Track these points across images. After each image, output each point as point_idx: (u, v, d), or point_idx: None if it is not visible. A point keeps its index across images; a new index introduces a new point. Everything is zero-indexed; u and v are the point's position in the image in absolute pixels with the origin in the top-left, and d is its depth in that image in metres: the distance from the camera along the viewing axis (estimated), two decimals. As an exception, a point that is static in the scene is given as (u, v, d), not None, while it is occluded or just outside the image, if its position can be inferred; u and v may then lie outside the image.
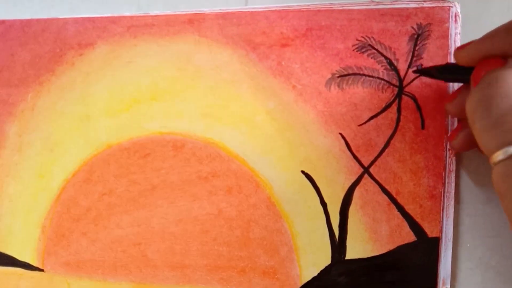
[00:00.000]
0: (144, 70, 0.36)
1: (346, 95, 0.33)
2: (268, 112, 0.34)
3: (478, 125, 0.24)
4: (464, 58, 0.27)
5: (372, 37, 0.33)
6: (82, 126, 0.37)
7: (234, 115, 0.34)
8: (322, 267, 0.32)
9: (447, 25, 0.32)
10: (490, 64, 0.25)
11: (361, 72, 0.33)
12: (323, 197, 0.32)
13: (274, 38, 0.35)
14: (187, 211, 0.34)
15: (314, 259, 0.32)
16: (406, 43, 0.32)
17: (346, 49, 0.33)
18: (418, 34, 0.32)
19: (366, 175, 0.32)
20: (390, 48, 0.33)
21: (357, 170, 0.32)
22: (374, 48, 0.33)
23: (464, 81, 0.29)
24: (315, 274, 0.32)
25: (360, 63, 0.33)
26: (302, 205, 0.33)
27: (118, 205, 0.35)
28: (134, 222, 0.35)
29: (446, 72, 0.29)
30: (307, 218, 0.32)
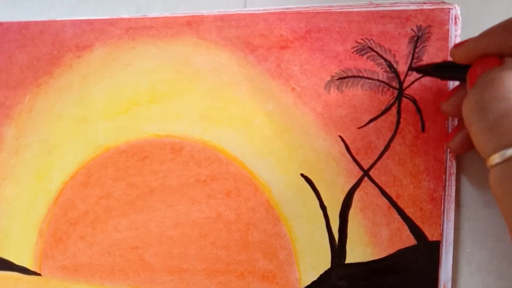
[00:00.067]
0: (142, 72, 0.36)
1: (346, 98, 0.33)
2: (267, 115, 0.34)
3: (475, 128, 0.24)
4: (461, 56, 0.27)
5: (372, 39, 0.33)
6: (80, 129, 0.37)
7: (233, 118, 0.34)
8: (322, 271, 0.32)
9: (447, 27, 0.32)
10: (487, 63, 0.25)
11: (361, 75, 0.33)
12: (323, 200, 0.32)
13: (273, 40, 0.34)
14: (186, 215, 0.34)
15: (314, 263, 0.32)
16: (406, 45, 0.32)
17: (346, 51, 0.33)
18: (418, 36, 0.32)
19: (366, 178, 0.32)
20: (390, 50, 0.33)
21: (357, 173, 0.32)
22: (374, 50, 0.33)
23: (461, 80, 0.29)
24: (315, 278, 0.32)
25: (360, 66, 0.33)
26: (302, 208, 0.32)
27: (116, 209, 0.35)
28: (132, 226, 0.34)
29: (443, 70, 0.29)
30: (307, 222, 0.32)
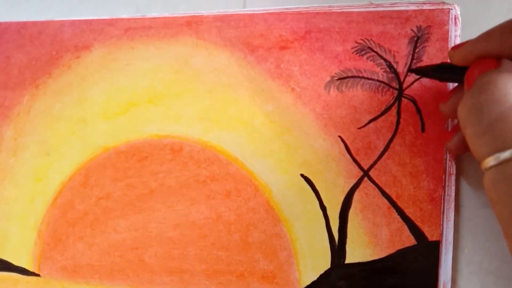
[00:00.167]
0: (142, 73, 0.36)
1: (346, 98, 0.33)
2: (267, 115, 0.34)
3: (470, 131, 0.24)
4: (459, 58, 0.27)
5: (372, 40, 0.33)
6: (79, 129, 0.36)
7: (232, 118, 0.34)
8: (322, 272, 0.31)
9: (447, 28, 0.32)
10: (484, 65, 0.25)
11: (361, 75, 0.33)
12: (323, 201, 0.32)
13: (273, 41, 0.34)
14: (185, 216, 0.34)
15: (314, 263, 0.32)
16: (406, 46, 0.32)
17: (345, 52, 0.33)
18: (418, 37, 0.32)
19: (366, 179, 0.32)
20: (390, 51, 0.33)
21: (357, 174, 0.32)
22: (374, 51, 0.33)
23: (459, 81, 0.29)
24: (315, 279, 0.31)
25: (360, 66, 0.33)
26: (302, 209, 0.32)
27: (115, 209, 0.35)
28: (131, 227, 0.34)
29: (441, 72, 0.29)
30: (307, 222, 0.32)
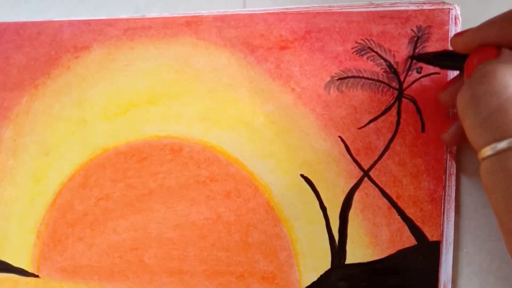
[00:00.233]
0: (141, 73, 0.36)
1: (346, 98, 0.33)
2: (267, 116, 0.34)
3: (468, 122, 0.25)
4: (461, 45, 0.27)
5: (372, 40, 0.33)
6: (78, 130, 0.36)
7: (233, 119, 0.34)
8: (322, 272, 0.31)
9: (447, 28, 0.32)
10: (483, 54, 0.25)
11: (361, 75, 0.33)
12: (323, 201, 0.32)
13: (273, 41, 0.34)
14: (185, 216, 0.34)
15: (314, 264, 0.32)
16: (406, 46, 0.32)
17: (346, 52, 0.33)
18: (418, 37, 0.32)
19: (366, 179, 0.32)
20: (390, 51, 0.32)
21: (357, 174, 0.32)
22: (374, 51, 0.33)
23: (460, 69, 0.29)
24: (315, 279, 0.31)
25: (360, 66, 0.33)
26: (302, 209, 0.32)
27: (115, 210, 0.35)
28: (131, 227, 0.34)
29: (443, 59, 0.30)
30: (307, 223, 0.32)
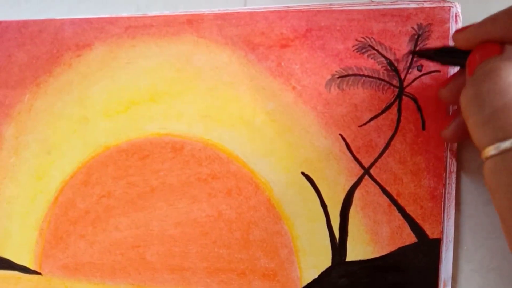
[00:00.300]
0: (143, 71, 0.36)
1: (346, 96, 0.33)
2: (268, 113, 0.34)
3: (472, 121, 0.24)
4: (462, 41, 0.27)
5: (372, 38, 0.33)
6: (80, 128, 0.36)
7: (234, 117, 0.34)
8: (323, 269, 0.32)
9: (448, 26, 0.32)
10: (486, 50, 0.25)
11: (361, 73, 0.33)
12: (324, 199, 0.32)
13: (274, 39, 0.34)
14: (186, 214, 0.34)
15: (315, 261, 0.32)
16: (407, 44, 0.32)
17: (346, 50, 0.33)
18: (419, 35, 0.32)
19: (367, 176, 0.32)
20: (391, 49, 0.33)
21: (358, 171, 0.32)
22: (374, 49, 0.33)
23: (461, 65, 0.28)
24: (316, 277, 0.32)
25: (360, 64, 0.33)
26: (302, 207, 0.32)
27: (117, 208, 0.35)
28: (133, 225, 0.34)
29: (444, 55, 0.29)
30: (307, 220, 0.32)
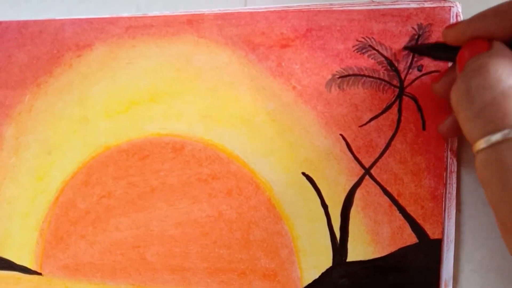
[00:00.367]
0: (143, 71, 0.36)
1: (347, 96, 0.33)
2: (268, 113, 0.34)
3: (462, 115, 0.25)
4: (452, 37, 0.27)
5: (373, 38, 0.33)
6: (80, 128, 0.36)
7: (234, 117, 0.34)
8: (323, 270, 0.32)
9: (448, 25, 0.32)
10: (475, 47, 0.25)
11: (362, 73, 0.33)
12: (324, 199, 0.32)
13: (274, 39, 0.34)
14: (187, 214, 0.34)
15: (315, 262, 0.32)
16: (407, 44, 0.32)
17: (347, 50, 0.33)
18: (419, 35, 0.32)
19: (367, 177, 0.32)
20: (391, 49, 0.33)
21: (358, 172, 0.32)
22: (375, 49, 0.33)
23: (453, 60, 0.29)
24: (316, 277, 0.32)
25: (361, 64, 0.33)
26: (303, 207, 0.32)
27: (117, 208, 0.35)
28: (133, 225, 0.34)
29: (435, 50, 0.30)
30: (308, 220, 0.32)
